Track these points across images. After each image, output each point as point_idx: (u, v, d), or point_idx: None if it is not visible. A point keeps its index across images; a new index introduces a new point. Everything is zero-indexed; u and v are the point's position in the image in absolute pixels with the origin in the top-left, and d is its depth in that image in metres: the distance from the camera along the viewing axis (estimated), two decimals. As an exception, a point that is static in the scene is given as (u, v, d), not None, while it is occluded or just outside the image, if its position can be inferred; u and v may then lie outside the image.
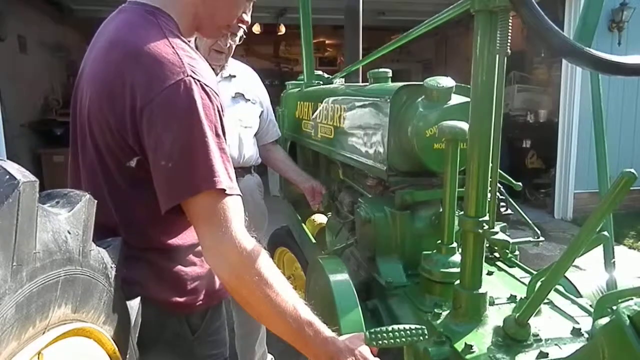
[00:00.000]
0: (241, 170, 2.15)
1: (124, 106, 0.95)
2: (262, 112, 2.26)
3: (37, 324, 0.59)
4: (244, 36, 1.96)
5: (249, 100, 2.18)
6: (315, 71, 2.65)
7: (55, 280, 0.63)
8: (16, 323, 0.53)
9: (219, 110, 0.98)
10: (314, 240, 2.32)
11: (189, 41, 1.07)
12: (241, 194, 1.01)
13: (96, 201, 0.80)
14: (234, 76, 2.15)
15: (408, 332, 0.99)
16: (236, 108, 2.12)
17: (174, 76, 0.93)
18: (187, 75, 0.93)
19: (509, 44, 1.00)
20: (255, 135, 2.23)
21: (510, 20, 0.98)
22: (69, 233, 0.69)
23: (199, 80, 0.95)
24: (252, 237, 0.99)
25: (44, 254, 0.59)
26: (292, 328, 0.97)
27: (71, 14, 7.04)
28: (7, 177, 0.53)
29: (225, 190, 0.95)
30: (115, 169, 1.03)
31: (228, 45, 1.97)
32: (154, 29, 1.00)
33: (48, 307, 0.61)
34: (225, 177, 0.95)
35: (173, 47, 0.97)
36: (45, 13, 6.60)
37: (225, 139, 1.00)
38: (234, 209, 0.97)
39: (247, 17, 1.29)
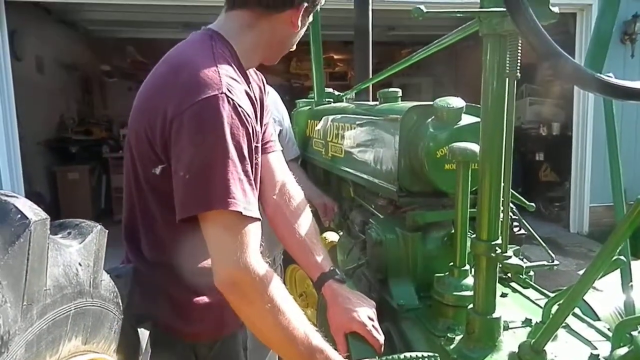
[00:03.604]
0: None
1: (157, 115, 0.98)
2: (282, 130, 2.29)
3: (47, 360, 0.60)
4: None
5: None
6: (325, 89, 2.67)
7: (65, 315, 0.63)
8: (26, 362, 0.54)
9: (249, 133, 0.99)
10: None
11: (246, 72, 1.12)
12: (261, 219, 0.99)
13: (107, 231, 0.80)
14: None
15: (420, 359, 0.97)
16: None
17: (208, 91, 0.95)
18: (222, 93, 0.95)
19: (518, 68, 0.99)
20: None
21: (520, 44, 0.97)
22: (80, 265, 0.69)
23: (232, 99, 0.96)
24: (266, 262, 0.99)
25: (54, 290, 0.60)
26: (303, 355, 0.97)
27: (87, 34, 7.21)
28: (19, 215, 0.54)
29: (241, 212, 0.94)
30: (143, 176, 1.06)
31: None
32: (205, 49, 1.04)
33: (58, 342, 0.61)
34: (242, 199, 0.94)
35: (216, 67, 0.99)
36: (62, 33, 6.76)
37: (253, 163, 1.01)
38: (250, 233, 0.96)
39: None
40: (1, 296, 0.50)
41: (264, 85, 1.30)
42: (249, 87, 1.10)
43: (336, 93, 2.66)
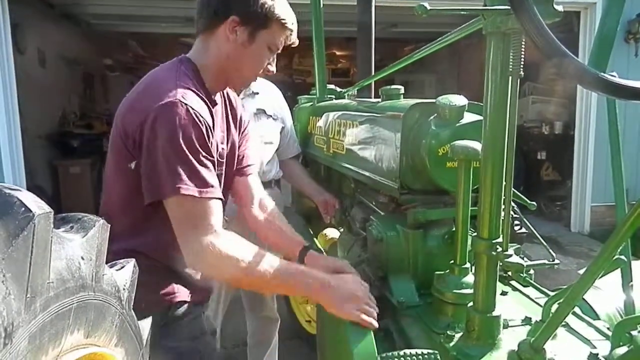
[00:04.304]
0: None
1: (131, 120, 1.19)
2: (284, 128, 2.29)
3: (50, 352, 0.60)
4: None
5: (271, 116, 2.22)
6: (327, 85, 2.66)
7: (68, 308, 0.63)
8: (29, 354, 0.54)
9: (201, 131, 1.16)
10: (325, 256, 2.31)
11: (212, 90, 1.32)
12: (222, 197, 1.18)
13: (109, 225, 0.81)
14: (257, 93, 2.19)
15: (420, 357, 0.98)
16: (258, 124, 2.17)
17: (165, 98, 1.15)
18: (176, 99, 1.14)
19: (521, 66, 0.99)
20: (276, 150, 2.26)
21: (523, 42, 0.97)
22: (82, 259, 0.70)
23: (185, 104, 1.15)
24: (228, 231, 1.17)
25: (57, 283, 0.60)
26: (284, 284, 1.23)
27: (89, 28, 7.19)
28: (23, 209, 0.54)
29: (195, 195, 1.12)
30: (121, 168, 1.24)
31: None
32: (171, 70, 1.27)
33: (61, 335, 0.62)
34: (195, 184, 1.12)
35: (176, 81, 1.20)
36: (64, 27, 6.74)
37: (208, 151, 1.18)
38: (208, 211, 1.14)
39: (273, 68, 1.42)
40: (5, 288, 0.50)
41: (233, 108, 1.48)
42: (210, 102, 1.28)
43: (338, 90, 2.66)
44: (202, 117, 1.17)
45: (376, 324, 1.20)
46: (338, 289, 1.19)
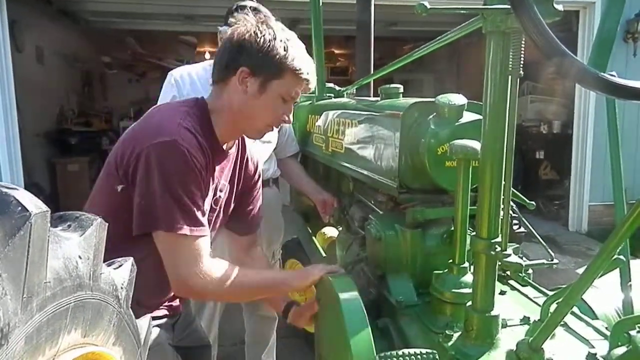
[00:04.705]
0: None
1: (130, 148, 1.22)
2: (282, 127, 2.28)
3: (46, 352, 0.59)
4: None
5: None
6: (326, 84, 2.66)
7: (65, 307, 0.63)
8: (25, 355, 0.54)
9: (195, 174, 1.21)
10: (324, 254, 2.31)
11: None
12: (208, 235, 1.25)
13: (107, 224, 0.80)
14: None
15: (418, 356, 0.98)
16: None
17: (164, 137, 1.18)
18: (174, 139, 1.18)
19: (521, 65, 0.99)
20: (274, 149, 2.25)
21: (523, 42, 0.97)
22: (80, 258, 0.69)
23: (182, 145, 1.18)
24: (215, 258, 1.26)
25: (54, 283, 0.60)
26: (270, 288, 1.42)
27: (87, 26, 7.17)
28: (20, 208, 0.54)
29: (186, 234, 1.19)
30: (109, 190, 1.28)
31: None
32: (180, 108, 1.29)
33: (58, 335, 0.61)
34: (187, 223, 1.19)
35: (180, 121, 1.22)
36: (62, 24, 6.72)
37: (201, 193, 1.23)
38: (197, 247, 1.21)
39: (290, 117, 1.38)
40: (1, 288, 0.50)
41: (245, 161, 1.51)
42: (213, 147, 1.30)
43: (337, 88, 2.65)
44: (196, 160, 1.21)
45: (341, 270, 1.42)
46: (306, 271, 1.43)
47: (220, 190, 1.41)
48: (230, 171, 1.45)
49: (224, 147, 1.38)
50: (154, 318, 1.34)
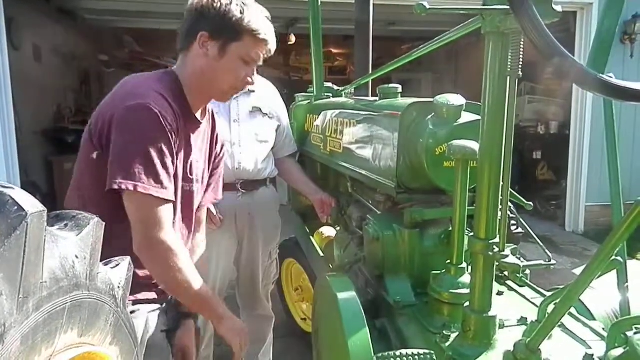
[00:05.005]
0: (256, 183, 2.19)
1: (102, 114, 1.26)
2: (279, 126, 2.28)
3: (43, 352, 0.59)
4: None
5: (266, 114, 2.20)
6: (324, 83, 2.65)
7: (61, 307, 0.62)
8: (21, 355, 0.53)
9: (167, 136, 1.22)
10: (321, 254, 2.31)
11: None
12: (173, 200, 1.26)
13: (104, 223, 0.80)
14: (253, 91, 2.17)
15: (416, 357, 0.98)
16: (253, 123, 2.15)
17: (137, 100, 1.22)
18: (147, 102, 1.21)
19: (520, 66, 0.99)
20: (272, 149, 2.25)
21: (522, 43, 0.97)
22: (77, 257, 0.69)
23: (155, 108, 1.21)
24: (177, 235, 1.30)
25: (50, 282, 0.59)
26: (206, 303, 1.38)
27: (85, 24, 7.14)
28: (16, 207, 0.53)
29: (152, 194, 1.19)
30: (86, 159, 1.31)
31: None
32: (151, 78, 1.34)
33: (54, 335, 0.61)
34: (153, 184, 1.19)
35: (151, 87, 1.26)
36: (59, 22, 6.69)
37: (172, 155, 1.24)
38: (161, 211, 1.22)
39: (252, 80, 1.40)
40: (-3, 288, 0.50)
41: (215, 136, 1.53)
42: (185, 114, 1.33)
43: (335, 88, 2.65)
44: (168, 122, 1.23)
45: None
46: (234, 324, 1.44)
47: (197, 161, 1.42)
48: (204, 144, 1.47)
49: (197, 115, 1.40)
50: (145, 302, 1.36)
